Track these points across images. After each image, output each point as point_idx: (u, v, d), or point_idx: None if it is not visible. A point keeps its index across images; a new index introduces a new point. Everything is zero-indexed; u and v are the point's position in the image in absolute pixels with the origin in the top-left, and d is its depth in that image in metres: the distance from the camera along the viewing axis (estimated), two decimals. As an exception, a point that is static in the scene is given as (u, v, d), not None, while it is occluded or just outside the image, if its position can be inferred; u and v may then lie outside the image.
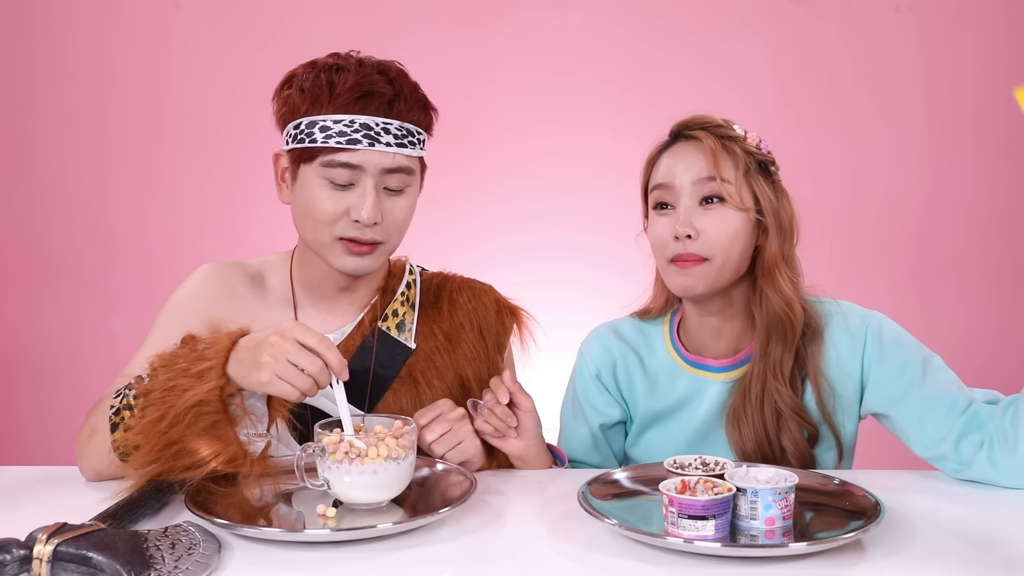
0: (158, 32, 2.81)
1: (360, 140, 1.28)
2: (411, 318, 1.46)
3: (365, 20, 2.77)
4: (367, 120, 1.29)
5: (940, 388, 1.32)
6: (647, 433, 1.46)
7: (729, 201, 1.32)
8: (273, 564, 1.01)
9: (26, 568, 0.92)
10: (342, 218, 1.31)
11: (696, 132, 1.37)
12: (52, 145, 2.83)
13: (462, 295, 1.50)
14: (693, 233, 1.32)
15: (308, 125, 1.30)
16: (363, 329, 1.43)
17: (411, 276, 1.50)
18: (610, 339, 1.49)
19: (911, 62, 2.78)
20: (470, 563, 1.02)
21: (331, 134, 1.28)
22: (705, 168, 1.33)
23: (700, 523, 1.02)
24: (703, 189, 1.33)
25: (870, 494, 1.14)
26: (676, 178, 1.35)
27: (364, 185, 1.30)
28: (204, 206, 2.83)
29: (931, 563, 1.02)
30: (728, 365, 1.41)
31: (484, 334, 1.49)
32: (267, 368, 1.11)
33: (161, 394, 1.14)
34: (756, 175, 1.36)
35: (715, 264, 1.33)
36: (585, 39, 2.82)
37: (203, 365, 1.14)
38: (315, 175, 1.30)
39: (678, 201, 1.35)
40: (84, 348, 2.81)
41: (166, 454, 1.14)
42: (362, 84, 1.29)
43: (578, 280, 2.72)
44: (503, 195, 2.81)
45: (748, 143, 1.37)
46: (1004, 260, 2.81)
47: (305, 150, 1.30)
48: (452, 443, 1.30)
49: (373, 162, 1.29)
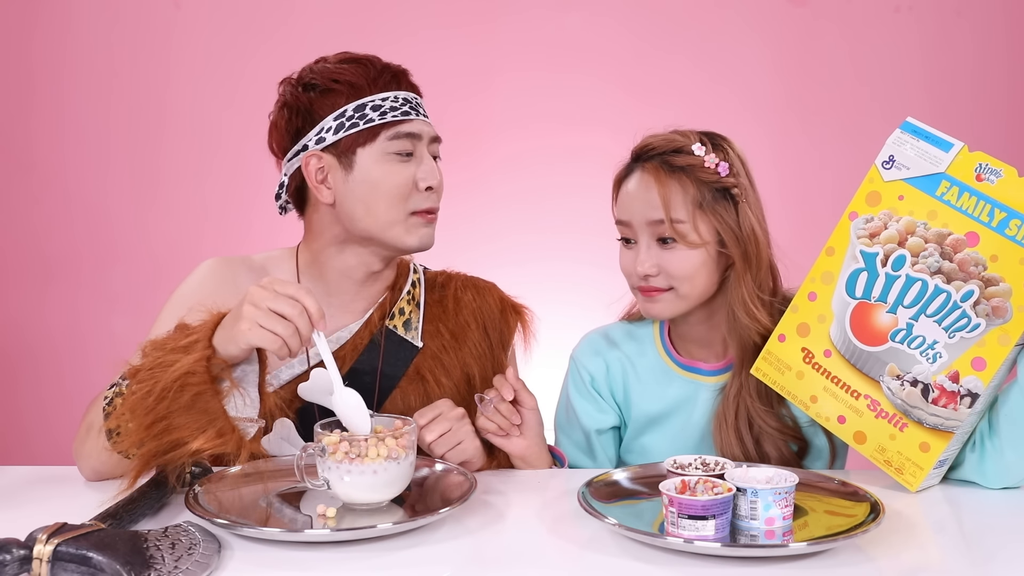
0: (158, 32, 2.81)
1: (410, 112, 1.36)
2: (417, 316, 1.47)
3: (365, 20, 2.77)
4: (406, 95, 1.37)
5: None
6: (642, 438, 1.46)
7: (682, 241, 1.32)
8: (273, 564, 1.01)
9: (26, 568, 0.92)
10: (412, 191, 1.35)
11: (648, 163, 1.35)
12: (52, 145, 2.82)
13: (467, 293, 1.50)
14: (654, 271, 1.34)
15: (356, 109, 1.34)
16: (371, 327, 1.43)
17: (415, 275, 1.51)
18: (601, 345, 1.49)
19: (911, 62, 2.78)
20: (470, 563, 1.02)
21: (384, 111, 1.34)
22: (655, 209, 1.32)
23: (700, 523, 1.02)
24: (657, 230, 1.33)
25: (870, 494, 1.14)
26: (632, 216, 1.35)
27: (422, 154, 1.37)
28: (204, 206, 2.83)
29: (930, 563, 1.02)
30: (720, 368, 1.41)
31: (489, 332, 1.49)
32: (247, 317, 1.11)
33: (149, 372, 1.14)
34: (712, 206, 1.33)
35: (680, 292, 1.34)
36: (585, 39, 2.82)
37: (189, 339, 1.15)
38: (379, 153, 1.35)
39: (638, 238, 1.36)
40: (84, 348, 2.81)
41: (153, 431, 1.12)
42: (388, 66, 1.38)
43: (578, 280, 2.72)
44: (503, 195, 2.81)
45: (705, 170, 1.33)
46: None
47: (361, 133, 1.34)
48: (452, 443, 1.29)
49: (426, 131, 1.38)
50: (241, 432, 1.15)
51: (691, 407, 1.42)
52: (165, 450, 1.13)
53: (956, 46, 2.77)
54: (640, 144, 1.40)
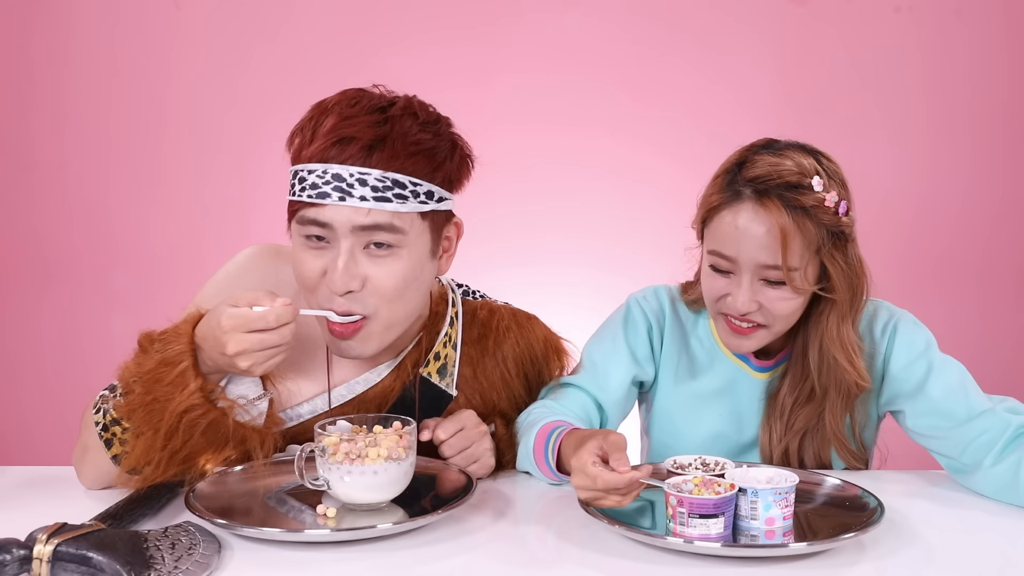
0: (158, 32, 2.80)
1: (330, 194, 1.12)
2: (453, 360, 1.32)
3: (365, 20, 2.77)
4: (340, 170, 1.12)
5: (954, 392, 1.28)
6: (671, 409, 1.42)
7: (790, 285, 1.23)
8: (273, 564, 1.01)
9: (26, 568, 0.92)
10: (321, 283, 1.16)
11: (767, 199, 1.22)
12: (52, 145, 2.82)
13: (509, 336, 1.36)
14: (755, 308, 1.26)
15: (293, 175, 1.17)
16: (403, 374, 1.29)
17: (453, 309, 1.35)
18: (665, 300, 1.44)
19: (911, 62, 2.78)
20: (470, 563, 1.02)
21: (305, 186, 1.14)
22: (771, 254, 1.21)
23: (711, 521, 1.02)
24: (766, 273, 1.24)
25: (870, 494, 1.14)
26: (740, 254, 1.24)
27: (337, 246, 1.14)
28: (204, 206, 2.82)
29: (931, 563, 1.02)
30: (768, 366, 1.39)
31: (528, 377, 1.39)
32: (247, 363, 1.07)
33: (145, 412, 1.11)
34: (830, 250, 1.24)
35: (773, 330, 1.29)
36: (585, 39, 2.81)
37: (175, 371, 1.10)
38: (296, 233, 1.18)
39: (739, 272, 1.25)
40: (84, 348, 2.81)
41: (176, 460, 1.13)
42: (340, 127, 1.13)
43: (578, 281, 2.71)
44: (503, 195, 2.81)
45: (826, 209, 1.22)
46: (1002, 258, 2.81)
47: (290, 202, 1.18)
48: (469, 461, 1.25)
49: (342, 220, 1.13)
50: (257, 429, 1.15)
51: (729, 392, 1.39)
52: (185, 469, 1.14)
53: (955, 46, 2.77)
54: (748, 171, 1.25)
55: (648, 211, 2.67)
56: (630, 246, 2.68)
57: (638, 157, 2.71)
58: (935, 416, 1.29)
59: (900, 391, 1.33)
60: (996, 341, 2.79)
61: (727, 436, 1.39)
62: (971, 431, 1.25)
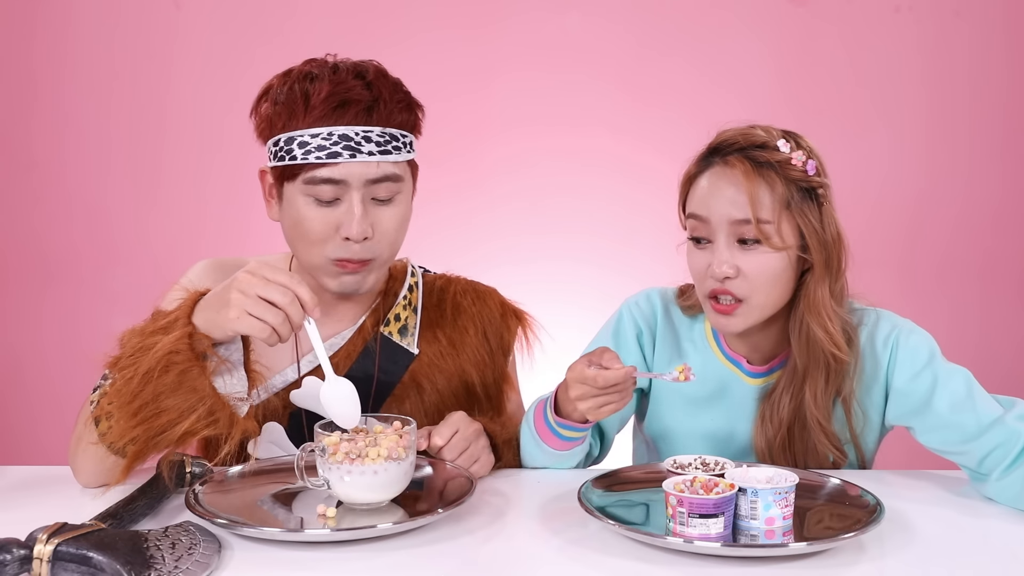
0: (158, 32, 2.81)
1: (340, 153, 1.24)
2: (413, 322, 1.43)
3: (365, 20, 2.77)
4: (346, 130, 1.24)
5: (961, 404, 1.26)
6: (664, 415, 1.42)
7: (766, 243, 1.25)
8: (273, 564, 1.01)
9: (26, 568, 0.92)
10: (332, 237, 1.27)
11: (732, 158, 1.27)
12: (52, 145, 2.82)
13: (466, 298, 1.47)
14: (732, 272, 1.26)
15: (287, 142, 1.26)
16: (364, 334, 1.40)
17: (413, 279, 1.47)
18: (658, 304, 1.44)
19: (911, 62, 2.78)
20: (470, 563, 1.02)
21: (310, 149, 1.24)
22: (740, 208, 1.24)
23: (712, 521, 1.02)
24: (739, 231, 1.25)
25: (870, 494, 1.14)
26: (712, 213, 1.27)
27: (350, 199, 1.26)
28: (204, 206, 2.82)
29: (931, 563, 1.02)
30: (762, 372, 1.38)
31: (489, 337, 1.46)
32: (236, 305, 1.08)
33: (130, 358, 1.12)
34: (800, 206, 1.26)
35: (753, 303, 1.27)
36: (585, 39, 2.82)
37: (168, 319, 1.12)
38: (299, 194, 1.27)
39: (715, 237, 1.27)
40: (84, 348, 2.80)
41: (141, 416, 1.09)
42: (337, 93, 1.25)
43: (577, 281, 2.72)
44: (503, 195, 2.81)
45: (793, 167, 1.26)
46: (1001, 258, 2.81)
47: (286, 168, 1.27)
48: (472, 460, 1.28)
49: (356, 174, 1.25)
50: (233, 409, 1.13)
51: (723, 398, 1.39)
52: (155, 434, 1.10)
53: (955, 46, 2.77)
54: (719, 138, 1.31)
55: (648, 210, 2.67)
56: (630, 246, 2.68)
57: (638, 157, 2.71)
58: (945, 431, 1.27)
59: (907, 407, 1.31)
60: (997, 341, 2.80)
61: (721, 440, 1.39)
62: (984, 445, 1.22)
